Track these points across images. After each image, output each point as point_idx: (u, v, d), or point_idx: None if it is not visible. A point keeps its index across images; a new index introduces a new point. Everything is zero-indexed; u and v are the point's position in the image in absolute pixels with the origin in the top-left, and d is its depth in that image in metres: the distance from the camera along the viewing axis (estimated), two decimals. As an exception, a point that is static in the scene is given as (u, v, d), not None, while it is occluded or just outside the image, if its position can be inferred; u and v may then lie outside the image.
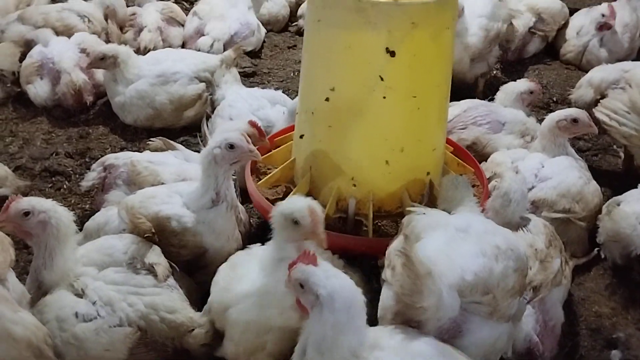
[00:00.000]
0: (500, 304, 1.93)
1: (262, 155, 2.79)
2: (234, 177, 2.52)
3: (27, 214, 2.12)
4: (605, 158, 3.47)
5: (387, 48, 2.28)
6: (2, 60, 3.71)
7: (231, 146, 2.33)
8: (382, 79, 2.33)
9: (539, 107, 3.78)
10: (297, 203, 2.04)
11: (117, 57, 3.41)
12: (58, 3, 4.39)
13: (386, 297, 1.99)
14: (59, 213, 2.18)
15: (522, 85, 3.38)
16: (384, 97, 2.36)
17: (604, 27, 4.19)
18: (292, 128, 2.92)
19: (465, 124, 3.17)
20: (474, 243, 1.98)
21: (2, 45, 3.81)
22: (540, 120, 3.18)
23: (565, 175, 2.76)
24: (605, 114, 3.07)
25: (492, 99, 3.46)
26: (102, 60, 3.40)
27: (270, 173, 2.75)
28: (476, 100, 3.35)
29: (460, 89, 3.87)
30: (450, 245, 1.98)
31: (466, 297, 1.89)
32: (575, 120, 2.90)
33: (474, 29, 3.78)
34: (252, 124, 2.76)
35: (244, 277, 2.11)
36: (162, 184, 2.62)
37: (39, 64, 3.65)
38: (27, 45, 3.81)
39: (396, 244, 2.07)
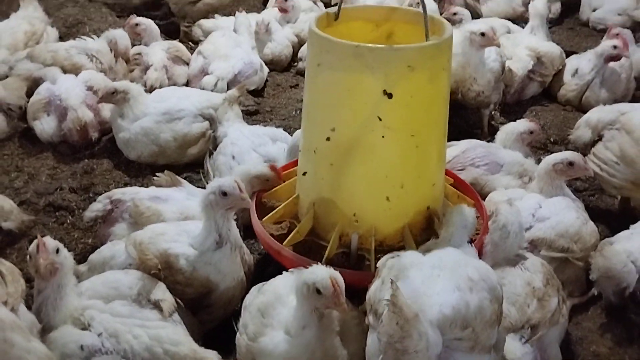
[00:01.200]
0: (480, 336, 1.95)
1: (266, 191, 2.90)
2: (235, 218, 2.56)
3: (58, 250, 2.22)
4: (602, 198, 3.51)
5: (384, 90, 2.36)
6: (9, 95, 3.79)
7: (224, 193, 2.43)
8: (380, 120, 2.41)
9: (536, 147, 3.83)
10: (319, 273, 2.08)
11: (128, 93, 3.49)
12: (67, 41, 4.51)
13: (372, 341, 2.02)
14: (66, 252, 2.26)
15: (522, 125, 3.44)
16: (383, 137, 2.44)
17: (614, 58, 4.25)
18: (294, 164, 2.99)
19: (464, 165, 3.22)
20: (448, 278, 2.02)
21: (9, 80, 3.90)
22: (538, 161, 3.23)
23: (563, 216, 2.81)
24: (596, 164, 3.15)
25: (490, 140, 3.52)
26: (112, 95, 3.48)
27: (274, 207, 2.82)
28: (474, 141, 3.41)
29: (460, 127, 3.97)
30: (426, 283, 2.01)
31: (446, 334, 1.91)
32: (571, 164, 2.96)
33: (493, 55, 3.95)
34: (272, 167, 2.89)
35: (272, 330, 2.16)
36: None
37: (46, 100, 3.72)
38: (35, 83, 3.89)
39: (374, 289, 2.11)
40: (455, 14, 4.73)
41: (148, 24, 4.52)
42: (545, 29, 4.76)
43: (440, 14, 5.05)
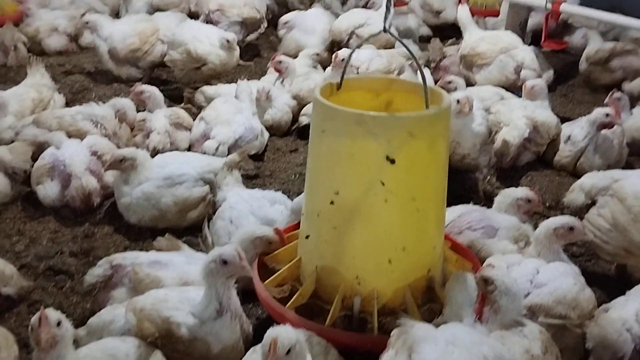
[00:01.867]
0: None
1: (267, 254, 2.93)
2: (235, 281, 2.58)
3: (59, 323, 2.23)
4: (598, 263, 3.53)
5: (387, 156, 2.44)
6: (15, 159, 3.84)
7: (225, 262, 2.45)
8: (383, 184, 2.48)
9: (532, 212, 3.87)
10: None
11: (136, 160, 3.54)
12: (73, 107, 4.62)
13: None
14: (68, 323, 2.29)
15: (520, 192, 3.48)
16: (386, 201, 2.51)
17: (606, 125, 4.34)
18: (295, 227, 3.04)
19: (460, 229, 3.25)
20: (464, 356, 2.04)
21: (16, 145, 3.95)
22: (535, 226, 3.26)
23: (561, 282, 2.81)
24: (590, 231, 3.19)
25: (487, 206, 3.56)
26: (120, 163, 3.52)
27: (275, 270, 2.85)
28: (470, 206, 3.46)
29: (456, 192, 4.02)
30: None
31: None
32: (571, 229, 3.00)
33: (479, 119, 4.01)
34: (277, 231, 2.93)
35: None
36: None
37: (50, 165, 3.77)
38: (40, 147, 3.95)
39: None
40: (450, 82, 4.86)
41: (152, 91, 4.63)
42: (546, 100, 4.85)
43: (435, 83, 5.22)
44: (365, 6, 7.51)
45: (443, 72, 5.81)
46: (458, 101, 3.80)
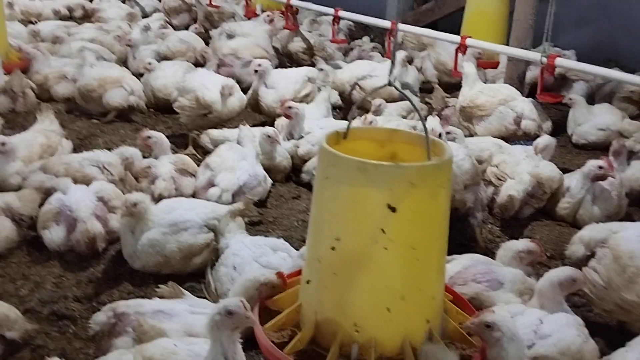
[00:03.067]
0: None
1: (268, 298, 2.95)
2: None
3: None
4: (599, 314, 3.53)
5: (388, 204, 2.49)
6: (23, 206, 3.88)
7: (230, 313, 2.46)
8: (384, 232, 2.51)
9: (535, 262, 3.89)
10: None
11: (145, 204, 3.57)
12: (79, 152, 4.70)
13: None
14: None
15: (521, 244, 3.51)
16: (386, 248, 2.53)
17: (600, 178, 4.40)
18: (298, 272, 3.06)
19: (465, 281, 3.28)
20: None
21: (25, 192, 4.00)
22: (537, 276, 3.30)
23: (565, 333, 2.84)
24: (587, 287, 3.22)
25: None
26: (134, 206, 3.53)
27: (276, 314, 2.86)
28: (476, 257, 3.47)
29: (457, 240, 4.05)
30: None
31: None
32: (574, 280, 3.06)
33: (461, 154, 4.00)
34: (279, 275, 2.97)
35: None
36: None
37: (57, 210, 3.81)
38: (47, 193, 4.00)
39: None
40: (448, 132, 4.96)
41: (159, 137, 4.72)
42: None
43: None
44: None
45: (444, 121, 5.91)
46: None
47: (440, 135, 3.88)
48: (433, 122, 4.54)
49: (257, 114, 6.16)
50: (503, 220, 4.51)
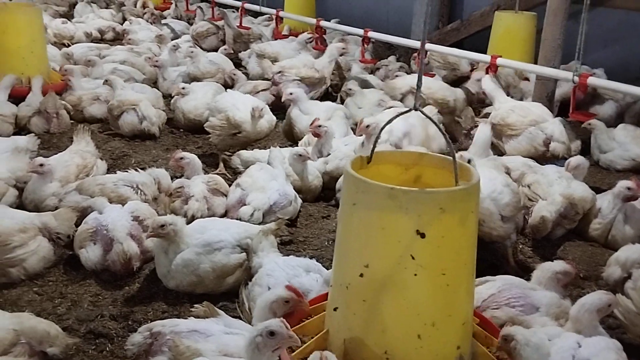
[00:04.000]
0: None
1: (296, 323, 2.96)
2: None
3: None
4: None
5: (417, 230, 2.51)
6: (60, 225, 4.00)
7: (272, 333, 2.48)
8: (413, 258, 2.53)
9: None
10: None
11: (176, 226, 3.63)
12: (113, 172, 4.82)
13: None
14: None
15: (558, 266, 3.49)
16: (416, 275, 2.55)
17: (631, 198, 4.38)
18: (321, 298, 3.09)
19: (499, 304, 3.27)
20: None
21: (61, 212, 4.12)
22: (571, 298, 3.31)
23: (604, 357, 2.82)
24: (620, 312, 3.21)
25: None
26: (162, 228, 3.60)
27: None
28: (510, 280, 3.45)
29: (488, 261, 4.05)
30: None
31: None
32: (609, 305, 3.07)
33: (499, 187, 4.00)
34: (289, 288, 2.99)
35: None
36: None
37: (93, 230, 3.92)
38: (83, 213, 4.12)
39: None
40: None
41: (192, 158, 4.83)
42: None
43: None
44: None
45: (466, 138, 5.94)
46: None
47: (469, 161, 3.86)
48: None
49: (290, 141, 6.24)
50: (534, 241, 4.51)
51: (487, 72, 6.54)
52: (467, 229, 2.63)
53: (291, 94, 6.03)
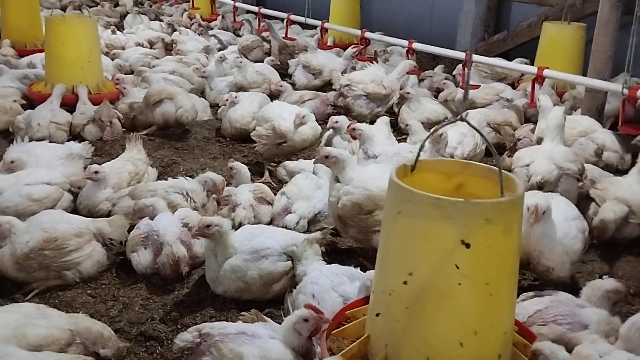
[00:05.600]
0: None
1: (334, 328, 3.00)
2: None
3: None
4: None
5: (462, 240, 2.52)
6: (114, 231, 4.16)
7: (305, 319, 2.86)
8: (457, 267, 2.55)
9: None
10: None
11: (222, 228, 3.70)
12: (162, 180, 4.97)
13: None
14: None
15: (609, 284, 3.44)
16: (460, 284, 2.56)
17: None
18: (359, 302, 3.13)
19: (545, 321, 3.25)
20: None
21: (115, 218, 4.29)
22: (621, 314, 3.27)
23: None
24: None
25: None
26: (208, 228, 3.67)
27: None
28: (559, 297, 3.41)
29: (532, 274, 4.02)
30: None
31: None
32: None
33: (573, 232, 3.87)
34: (307, 306, 3.03)
35: None
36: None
37: (145, 235, 4.07)
38: (140, 213, 4.25)
39: None
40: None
41: (240, 168, 4.96)
42: None
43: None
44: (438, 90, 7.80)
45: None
46: (527, 208, 3.62)
47: (545, 212, 3.71)
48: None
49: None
50: (584, 255, 4.44)
51: (533, 84, 6.49)
52: (510, 240, 2.64)
53: (336, 122, 5.83)
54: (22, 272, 3.85)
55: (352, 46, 8.87)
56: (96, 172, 4.69)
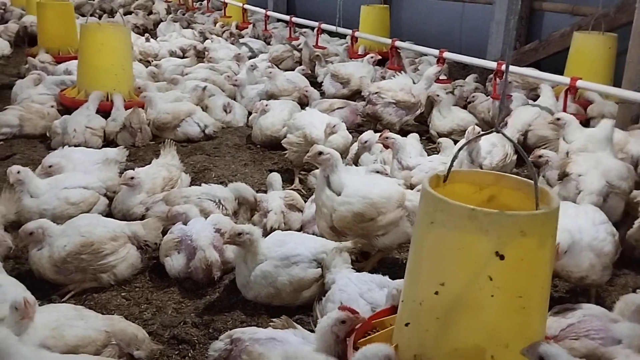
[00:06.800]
0: None
1: (360, 337, 3.02)
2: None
3: None
4: None
5: (496, 252, 2.52)
6: (148, 234, 4.24)
7: (343, 321, 2.91)
8: (490, 279, 2.54)
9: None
10: None
11: (252, 236, 3.76)
12: (195, 185, 5.05)
13: None
14: None
15: None
16: (492, 296, 2.56)
17: None
18: (386, 312, 3.13)
19: (578, 335, 3.22)
20: None
21: (149, 221, 4.36)
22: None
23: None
24: None
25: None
26: (239, 237, 3.73)
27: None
28: (592, 310, 3.37)
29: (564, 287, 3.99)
30: None
31: None
32: None
33: (602, 234, 3.83)
34: (342, 308, 3.05)
35: None
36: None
37: (178, 239, 4.14)
38: (176, 218, 4.33)
39: None
40: (540, 156, 4.86)
41: (272, 176, 5.01)
42: None
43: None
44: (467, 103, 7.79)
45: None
46: None
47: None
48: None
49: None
50: (616, 268, 4.39)
51: (566, 94, 6.45)
52: (544, 253, 2.63)
53: (366, 142, 5.95)
54: (59, 274, 3.94)
55: (371, 54, 8.89)
56: (132, 178, 4.79)
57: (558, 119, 5.58)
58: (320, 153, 4.12)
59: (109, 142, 6.63)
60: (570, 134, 5.47)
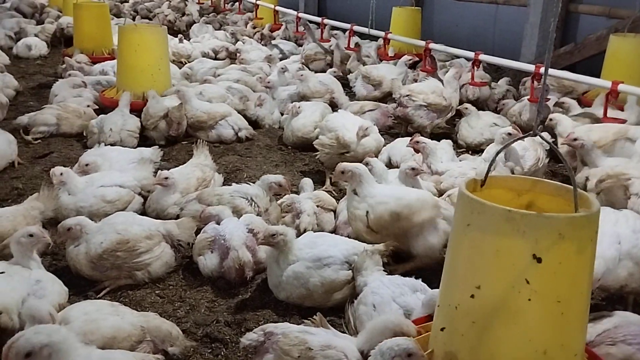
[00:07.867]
0: None
1: None
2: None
3: None
4: None
5: (534, 255, 2.48)
6: (182, 233, 4.28)
7: (409, 355, 2.71)
8: (528, 283, 2.50)
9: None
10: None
11: (286, 236, 3.79)
12: (229, 186, 5.09)
13: None
14: None
15: None
16: (529, 300, 2.51)
17: None
18: (422, 320, 3.11)
19: (614, 341, 3.16)
20: None
21: (184, 220, 4.41)
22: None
23: None
24: None
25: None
26: (272, 237, 3.77)
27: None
28: (628, 316, 3.33)
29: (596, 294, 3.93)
30: None
31: None
32: None
33: (633, 241, 3.75)
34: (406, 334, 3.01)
35: None
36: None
37: (212, 239, 4.17)
38: (209, 219, 4.37)
39: None
40: (575, 139, 4.81)
41: (303, 181, 5.04)
42: None
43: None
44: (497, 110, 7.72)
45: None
46: None
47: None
48: None
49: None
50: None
51: (607, 99, 6.33)
52: (585, 258, 2.57)
53: (418, 142, 5.82)
54: (95, 270, 4.01)
55: (408, 56, 8.86)
56: (166, 178, 4.85)
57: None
58: (343, 172, 4.28)
59: (144, 131, 6.76)
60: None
